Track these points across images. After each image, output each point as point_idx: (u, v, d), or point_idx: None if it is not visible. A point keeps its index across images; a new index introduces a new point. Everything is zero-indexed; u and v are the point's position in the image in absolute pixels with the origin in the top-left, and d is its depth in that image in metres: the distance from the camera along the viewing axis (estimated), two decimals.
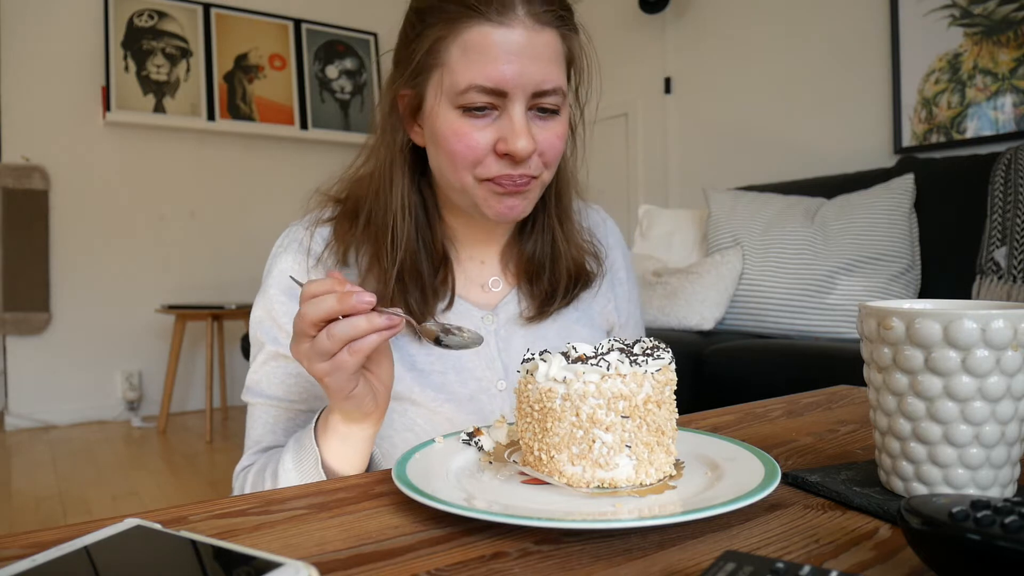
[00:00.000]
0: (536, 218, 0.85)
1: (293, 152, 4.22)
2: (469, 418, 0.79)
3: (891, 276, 2.14)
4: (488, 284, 0.86)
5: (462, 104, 0.70)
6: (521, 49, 0.69)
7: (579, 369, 0.51)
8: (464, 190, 0.74)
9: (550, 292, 0.84)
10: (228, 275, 4.01)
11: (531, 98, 0.71)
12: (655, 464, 0.52)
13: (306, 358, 0.60)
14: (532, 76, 0.70)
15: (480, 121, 0.71)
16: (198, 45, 3.97)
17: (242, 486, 0.77)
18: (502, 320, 0.84)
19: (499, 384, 0.81)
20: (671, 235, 2.80)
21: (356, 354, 0.58)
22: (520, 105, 0.70)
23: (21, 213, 3.53)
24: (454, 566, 0.41)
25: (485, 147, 0.71)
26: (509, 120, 0.70)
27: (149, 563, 0.38)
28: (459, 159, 0.72)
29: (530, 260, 0.85)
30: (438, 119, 0.72)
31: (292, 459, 0.69)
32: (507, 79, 0.69)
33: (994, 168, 2.05)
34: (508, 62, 0.69)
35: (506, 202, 0.74)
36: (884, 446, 0.51)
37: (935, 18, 2.52)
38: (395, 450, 0.78)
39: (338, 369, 0.59)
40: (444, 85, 0.71)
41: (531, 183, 0.74)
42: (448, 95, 0.71)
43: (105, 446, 3.30)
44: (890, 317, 0.48)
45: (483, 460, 0.59)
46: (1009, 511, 0.34)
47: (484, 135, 0.71)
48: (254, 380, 0.80)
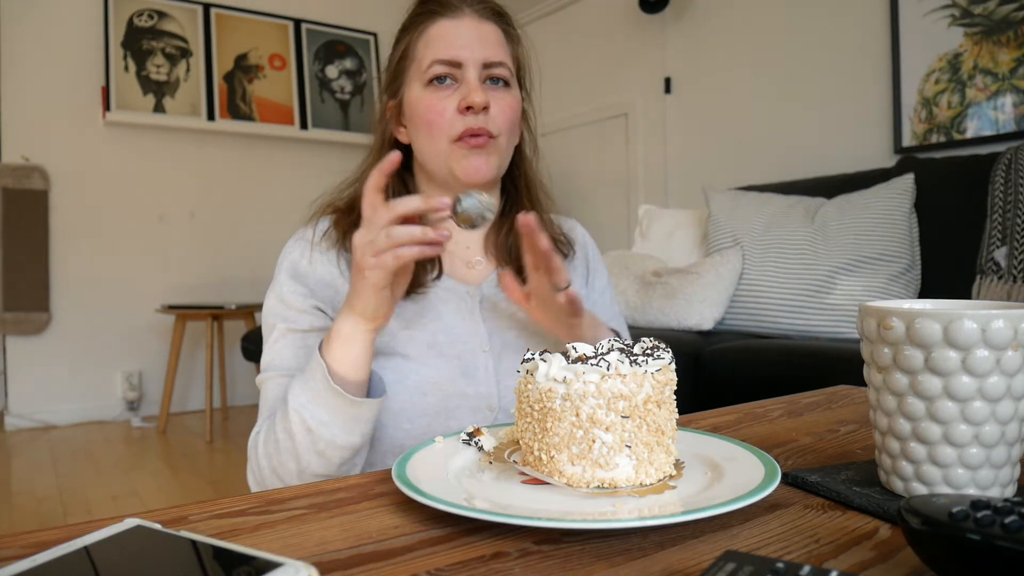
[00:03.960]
0: (511, 208, 0.98)
1: (293, 152, 4.21)
2: (455, 372, 0.87)
3: (891, 276, 2.14)
4: (473, 262, 0.97)
5: (428, 77, 0.87)
6: (469, 32, 0.88)
7: (579, 369, 0.51)
8: (440, 157, 0.88)
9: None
10: (228, 275, 4.00)
11: (482, 69, 0.88)
12: (655, 464, 0.52)
13: (361, 248, 0.71)
14: (480, 51, 0.88)
15: (444, 92, 0.87)
16: (198, 45, 3.97)
17: (255, 444, 0.83)
18: (486, 293, 0.94)
19: (483, 346, 0.90)
20: (671, 235, 2.80)
21: (398, 259, 0.70)
22: (473, 72, 0.87)
23: (21, 213, 3.53)
24: (454, 566, 0.41)
25: (452, 110, 0.86)
26: (466, 84, 0.87)
27: (149, 563, 0.38)
28: (433, 125, 0.87)
29: (506, 242, 0.97)
30: (412, 100, 0.89)
31: (300, 384, 0.77)
32: (460, 52, 0.87)
33: (994, 168, 2.05)
34: (460, 40, 0.88)
35: (472, 161, 0.87)
36: (884, 446, 0.51)
37: (935, 18, 2.52)
38: (388, 401, 0.84)
39: (381, 266, 0.70)
40: (415, 73, 0.89)
41: (489, 142, 0.88)
42: (417, 77, 0.89)
43: (105, 446, 3.30)
44: (890, 317, 0.48)
45: (483, 460, 0.59)
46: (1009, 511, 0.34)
47: (449, 101, 0.87)
48: (267, 360, 0.87)
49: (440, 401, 0.86)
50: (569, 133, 4.06)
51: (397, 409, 0.84)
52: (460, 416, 0.86)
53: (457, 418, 0.86)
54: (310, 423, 0.75)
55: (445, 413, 0.86)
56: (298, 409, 0.76)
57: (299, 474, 0.78)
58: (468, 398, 0.87)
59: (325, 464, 0.77)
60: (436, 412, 0.85)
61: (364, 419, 0.77)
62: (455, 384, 0.87)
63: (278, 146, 4.20)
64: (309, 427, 0.75)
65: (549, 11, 4.16)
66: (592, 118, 3.95)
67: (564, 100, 4.06)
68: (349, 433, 0.76)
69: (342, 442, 0.76)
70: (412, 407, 0.85)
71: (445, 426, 0.85)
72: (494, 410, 0.88)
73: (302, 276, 0.89)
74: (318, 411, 0.75)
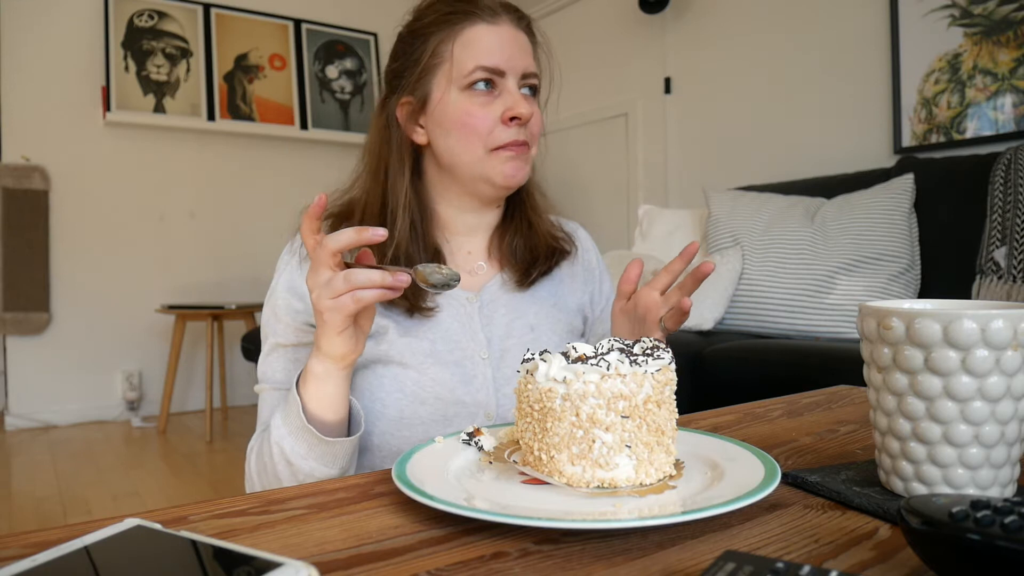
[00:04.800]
0: (514, 212, 0.99)
1: (293, 152, 4.21)
2: (455, 380, 0.87)
3: (891, 276, 2.14)
4: (475, 268, 0.96)
5: (469, 83, 0.86)
6: (510, 40, 0.88)
7: (579, 369, 0.51)
8: (474, 164, 0.87)
9: (531, 261, 0.96)
10: (228, 275, 4.00)
11: (520, 78, 0.88)
12: (655, 464, 0.52)
13: (316, 289, 0.68)
14: (520, 60, 0.88)
15: (485, 99, 0.86)
16: (198, 45, 3.97)
17: (250, 457, 0.83)
18: (485, 300, 0.94)
19: (482, 353, 0.90)
20: (671, 235, 2.80)
21: (358, 302, 0.67)
22: (514, 82, 0.87)
23: (21, 213, 3.53)
24: (454, 566, 0.41)
25: (494, 119, 0.86)
26: (509, 94, 0.87)
27: (149, 563, 0.38)
28: (473, 133, 0.86)
29: (511, 243, 0.97)
30: (448, 106, 0.87)
31: (281, 417, 0.77)
32: (503, 60, 0.86)
33: (994, 168, 2.05)
34: (502, 49, 0.87)
35: (513, 164, 0.88)
36: (884, 446, 0.51)
37: (935, 18, 2.52)
38: (386, 409, 0.85)
39: (339, 309, 0.68)
40: (452, 76, 0.86)
41: (527, 150, 0.89)
42: (456, 82, 0.86)
43: (105, 446, 3.30)
44: (890, 317, 0.48)
45: (483, 460, 0.59)
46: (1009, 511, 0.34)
47: (491, 110, 0.86)
48: (261, 370, 0.88)
49: (438, 410, 0.86)
50: (569, 133, 4.06)
51: (395, 417, 0.85)
52: (458, 424, 0.86)
53: (455, 426, 0.86)
54: (289, 456, 0.76)
55: (443, 421, 0.86)
56: (278, 441, 0.76)
57: None
58: (466, 406, 0.87)
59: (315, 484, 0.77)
60: (434, 420, 0.86)
61: (341, 454, 0.77)
62: (453, 393, 0.87)
63: (278, 146, 4.19)
64: (288, 459, 0.76)
65: (549, 11, 4.16)
66: (592, 118, 3.95)
67: (564, 100, 4.04)
68: (327, 466, 0.76)
69: (320, 474, 0.76)
70: (411, 415, 0.85)
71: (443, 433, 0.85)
72: (491, 418, 0.88)
73: (298, 291, 0.87)
74: (297, 445, 0.75)
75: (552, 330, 0.95)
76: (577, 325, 1.00)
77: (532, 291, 0.96)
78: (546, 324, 0.95)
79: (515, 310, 0.94)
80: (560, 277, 1.00)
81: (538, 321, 0.94)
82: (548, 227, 1.00)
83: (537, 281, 0.97)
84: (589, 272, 1.05)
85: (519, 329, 0.93)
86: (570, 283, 1.01)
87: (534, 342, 0.93)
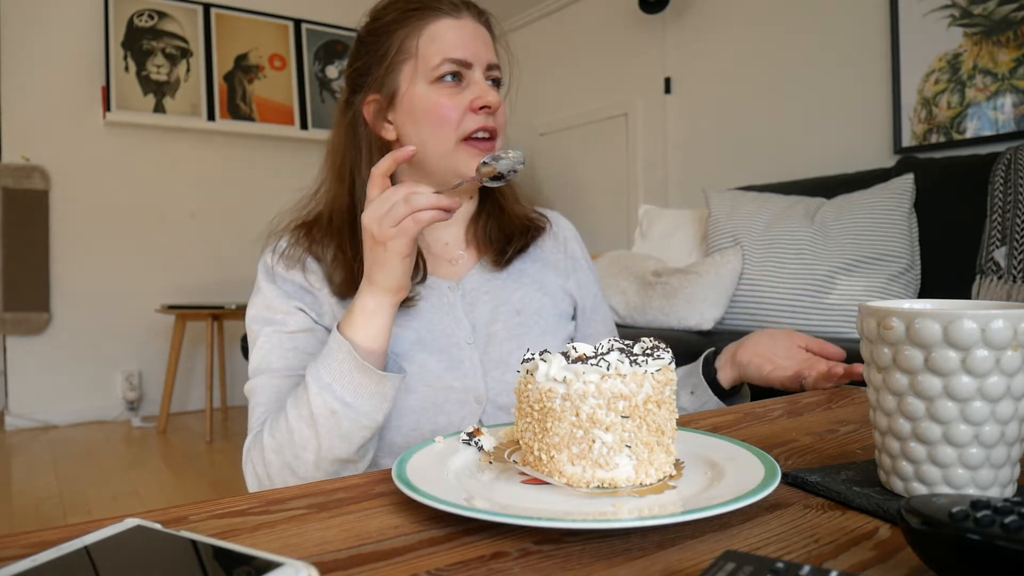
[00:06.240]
0: (486, 201, 1.01)
1: (293, 152, 4.21)
2: (441, 366, 0.88)
3: (891, 276, 2.14)
4: (455, 258, 0.98)
5: (438, 76, 0.88)
6: (473, 34, 0.91)
7: (579, 369, 0.51)
8: (445, 156, 0.89)
9: (506, 240, 0.99)
10: (228, 275, 4.00)
11: (486, 69, 0.91)
12: (655, 464, 0.52)
13: (377, 220, 0.75)
14: (485, 52, 0.91)
15: (453, 90, 0.89)
16: (198, 45, 3.97)
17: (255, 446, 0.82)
18: (467, 288, 0.96)
19: (467, 339, 0.92)
20: (671, 235, 2.80)
21: (418, 223, 0.74)
22: (480, 73, 0.90)
23: (21, 213, 3.53)
24: (454, 566, 0.41)
25: (463, 108, 0.88)
26: (476, 84, 0.90)
27: (149, 563, 0.38)
28: (444, 122, 0.88)
29: (485, 228, 1.00)
30: (416, 98, 0.89)
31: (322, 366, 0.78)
32: (470, 53, 0.89)
33: (994, 168, 2.05)
34: (467, 42, 0.90)
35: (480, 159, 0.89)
36: (884, 446, 0.51)
37: (935, 18, 2.52)
38: None
39: (402, 233, 0.74)
40: (418, 69, 0.89)
41: (493, 146, 0.91)
42: (424, 75, 0.89)
43: (105, 446, 3.30)
44: (890, 317, 0.48)
45: (483, 460, 0.59)
46: (1009, 511, 0.34)
47: (460, 100, 0.89)
48: (256, 364, 0.88)
49: (427, 397, 0.87)
50: (569, 133, 4.06)
51: None
52: (448, 410, 0.87)
53: (445, 412, 0.87)
54: (334, 404, 0.76)
55: (433, 408, 0.87)
56: (321, 391, 0.76)
57: (316, 464, 0.78)
58: (455, 391, 0.88)
59: (347, 447, 0.78)
60: (424, 408, 0.86)
61: (388, 396, 0.78)
62: (441, 379, 0.87)
63: (278, 146, 4.19)
64: (333, 408, 0.76)
65: (549, 11, 4.16)
66: (592, 118, 3.95)
67: (564, 100, 4.06)
68: (373, 411, 0.77)
69: (367, 420, 0.77)
70: (401, 404, 0.85)
71: (433, 421, 0.86)
72: (481, 402, 0.89)
73: (281, 280, 0.90)
74: (343, 392, 0.76)
75: (539, 313, 0.96)
76: (565, 308, 1.01)
77: (516, 276, 0.98)
78: (532, 308, 0.96)
79: (499, 296, 0.96)
80: (544, 260, 1.02)
81: (524, 305, 0.96)
82: (521, 210, 1.03)
83: (515, 260, 0.99)
84: (574, 260, 1.06)
85: (504, 314, 0.94)
86: (554, 267, 1.03)
87: (521, 326, 0.94)
